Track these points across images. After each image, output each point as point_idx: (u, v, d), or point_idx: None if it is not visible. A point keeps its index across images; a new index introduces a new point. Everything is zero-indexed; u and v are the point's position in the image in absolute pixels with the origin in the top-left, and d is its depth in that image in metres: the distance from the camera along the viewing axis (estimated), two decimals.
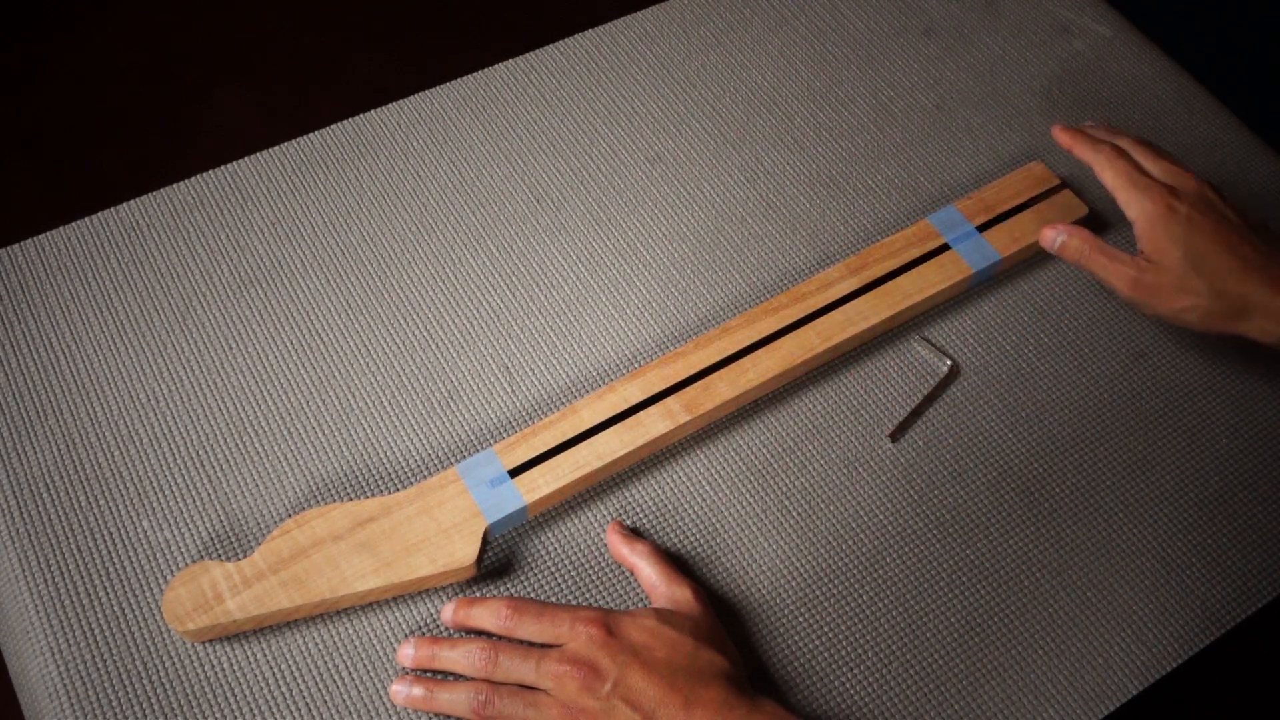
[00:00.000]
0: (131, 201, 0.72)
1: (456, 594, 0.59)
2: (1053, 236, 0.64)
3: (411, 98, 0.78)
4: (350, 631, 0.58)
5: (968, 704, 0.58)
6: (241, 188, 0.73)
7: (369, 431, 0.64)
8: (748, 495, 0.63)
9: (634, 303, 0.70)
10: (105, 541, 0.60)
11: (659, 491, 0.63)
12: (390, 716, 0.56)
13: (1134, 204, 0.62)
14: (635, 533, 0.61)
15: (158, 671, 0.56)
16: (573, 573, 0.60)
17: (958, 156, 0.77)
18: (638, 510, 0.62)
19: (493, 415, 0.65)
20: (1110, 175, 0.63)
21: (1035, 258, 0.73)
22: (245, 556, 0.59)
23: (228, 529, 0.61)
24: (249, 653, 0.57)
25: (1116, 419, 0.67)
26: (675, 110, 0.78)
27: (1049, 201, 0.72)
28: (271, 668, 0.57)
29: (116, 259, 0.70)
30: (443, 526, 0.58)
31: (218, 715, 0.56)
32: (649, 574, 0.58)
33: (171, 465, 0.62)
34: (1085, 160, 0.65)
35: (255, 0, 1.77)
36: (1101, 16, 0.85)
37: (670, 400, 0.63)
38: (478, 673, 0.55)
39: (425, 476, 0.63)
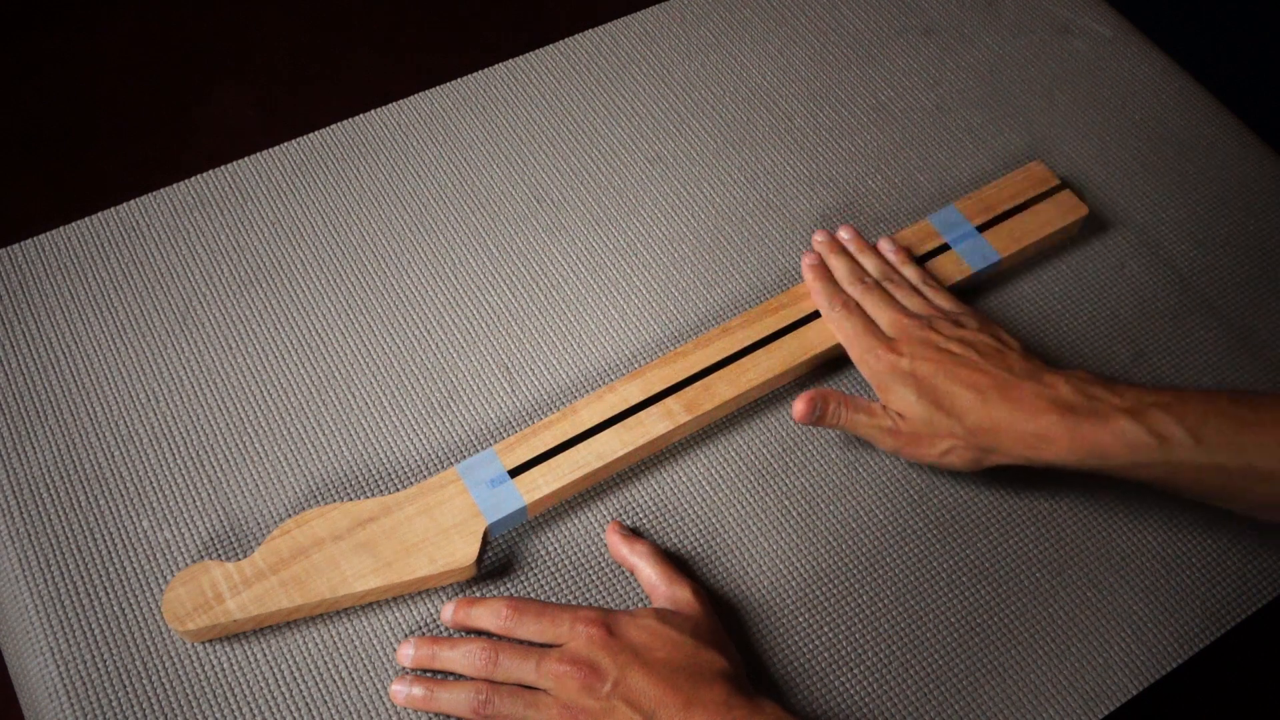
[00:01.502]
0: (131, 201, 0.72)
1: (456, 594, 0.59)
2: (809, 411, 0.60)
3: (411, 98, 0.78)
4: (350, 631, 0.58)
5: (968, 704, 0.58)
6: (241, 188, 0.73)
7: (369, 431, 0.64)
8: (748, 495, 0.63)
9: (634, 303, 0.70)
10: (105, 541, 0.60)
11: (659, 491, 0.63)
12: (390, 716, 0.56)
13: (863, 366, 0.62)
14: (635, 533, 0.61)
15: (158, 671, 0.56)
16: (573, 573, 0.60)
17: (958, 156, 0.77)
18: (638, 510, 0.62)
19: (493, 415, 0.65)
20: (842, 337, 0.64)
21: (1035, 258, 0.73)
22: (245, 556, 0.59)
23: (228, 529, 0.61)
24: (249, 653, 0.57)
25: None
26: (675, 110, 0.78)
27: (1049, 201, 0.72)
28: (271, 668, 0.57)
29: (116, 259, 0.70)
30: (443, 526, 0.58)
31: (218, 715, 0.56)
32: (649, 574, 0.58)
33: (171, 465, 0.62)
34: (822, 314, 0.66)
35: (255, 0, 1.77)
36: (1101, 16, 0.85)
37: (670, 400, 0.63)
38: (478, 673, 0.55)
39: (425, 476, 0.63)
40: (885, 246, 0.69)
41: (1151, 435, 0.53)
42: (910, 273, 0.67)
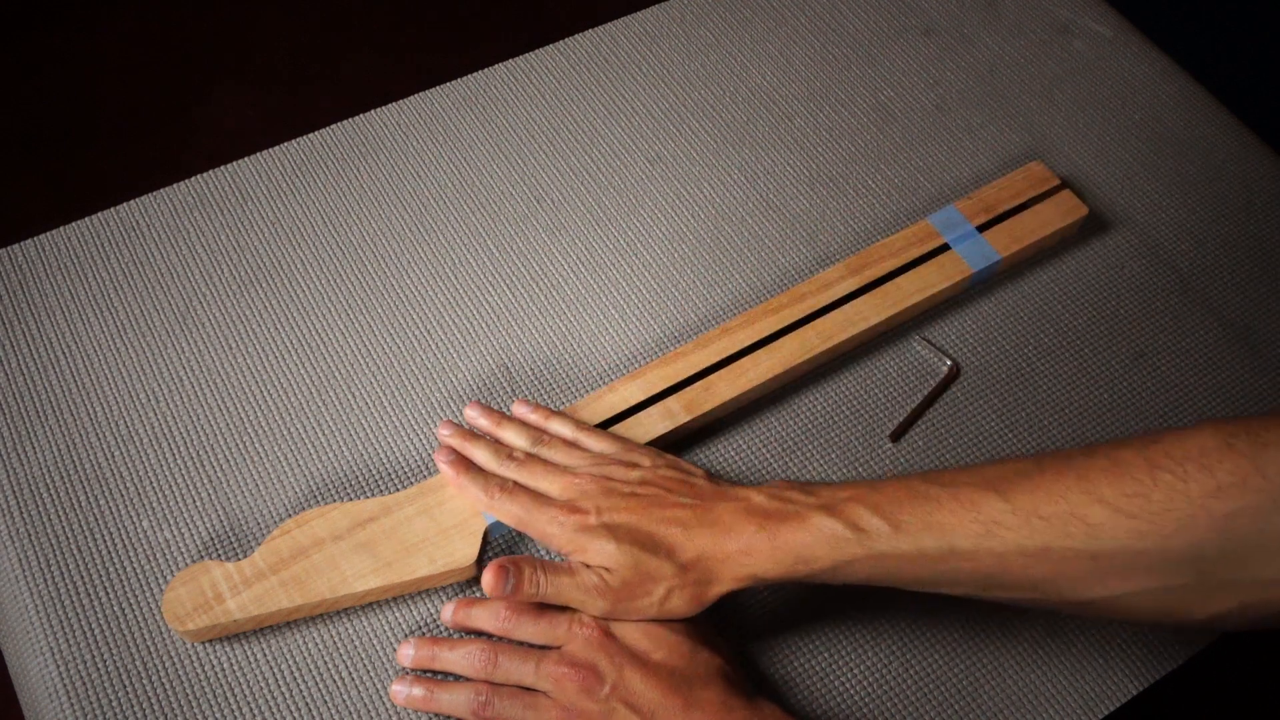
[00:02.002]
0: (131, 201, 0.72)
1: (456, 594, 0.59)
2: (500, 582, 0.55)
3: (411, 98, 0.78)
4: (350, 631, 0.58)
5: (968, 704, 0.58)
6: (241, 188, 0.73)
7: (369, 431, 0.64)
8: None
9: (634, 303, 0.70)
10: (105, 541, 0.60)
11: None
12: (390, 717, 0.56)
13: (550, 536, 0.56)
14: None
15: (158, 671, 0.56)
16: None
17: (958, 156, 0.77)
18: None
19: None
20: (511, 519, 0.57)
21: (1035, 258, 0.73)
22: (245, 556, 0.59)
23: (228, 529, 0.61)
24: (249, 653, 0.57)
25: (1116, 419, 0.67)
26: (675, 110, 0.78)
27: (1049, 201, 0.72)
28: (271, 668, 0.57)
29: (116, 259, 0.70)
30: (443, 527, 0.58)
31: (218, 715, 0.56)
32: None
33: (171, 465, 0.62)
34: (478, 506, 0.59)
35: (255, 0, 1.77)
36: (1101, 16, 0.85)
37: (670, 400, 0.63)
38: (477, 674, 0.55)
39: (425, 476, 0.63)
40: (521, 409, 0.63)
41: (848, 528, 0.50)
42: (558, 426, 0.61)
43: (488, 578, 0.55)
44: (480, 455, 0.60)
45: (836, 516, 0.51)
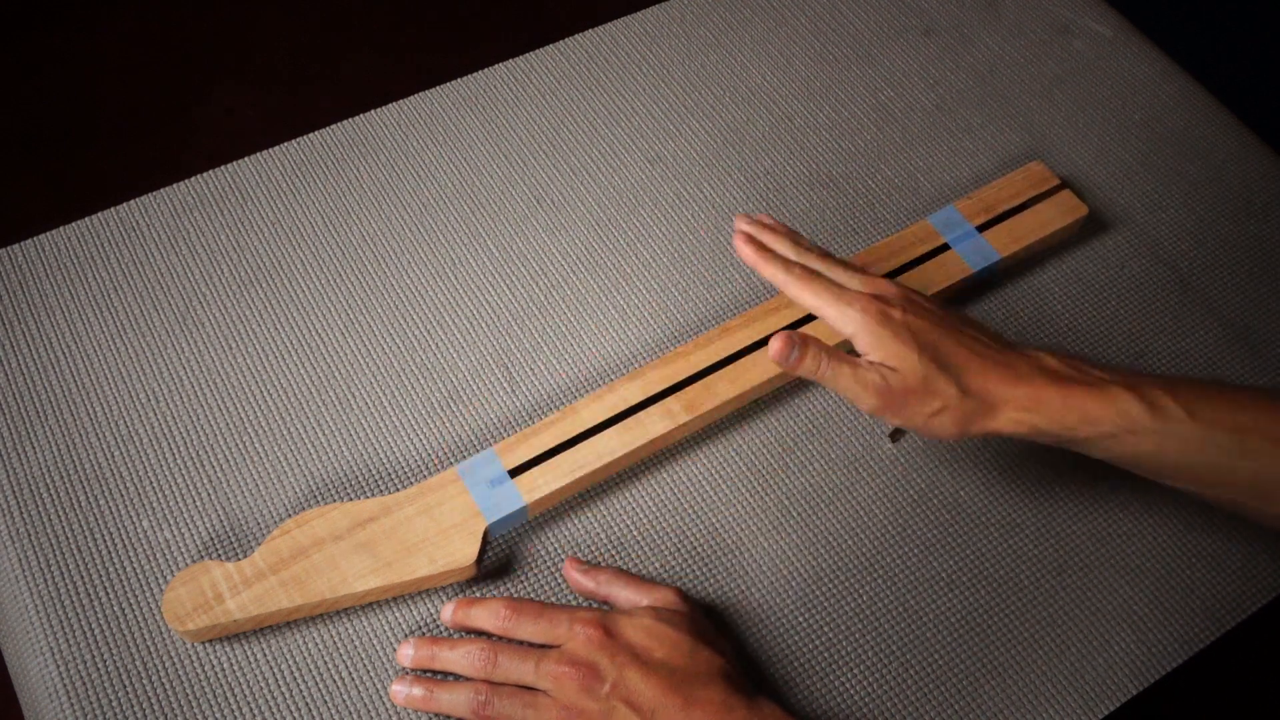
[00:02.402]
0: (131, 201, 0.72)
1: (456, 594, 0.59)
2: (785, 351, 0.55)
3: (411, 98, 0.78)
4: (350, 631, 0.58)
5: (968, 704, 0.58)
6: (241, 188, 0.73)
7: (369, 431, 0.64)
8: (748, 495, 0.63)
9: (634, 303, 0.70)
10: (105, 541, 0.60)
11: (659, 491, 0.63)
12: (390, 716, 0.56)
13: (848, 318, 0.55)
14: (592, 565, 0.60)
15: (158, 671, 0.56)
16: None
17: (958, 156, 0.77)
18: (638, 510, 0.62)
19: (493, 415, 0.65)
20: (811, 296, 0.57)
21: (1035, 258, 0.73)
22: (245, 556, 0.59)
23: (228, 529, 0.61)
24: (249, 653, 0.57)
25: None
26: (675, 110, 0.78)
27: (1049, 201, 0.72)
28: (271, 668, 0.57)
29: (116, 259, 0.70)
30: (443, 526, 0.58)
31: (218, 715, 0.56)
32: (625, 595, 0.57)
33: (171, 465, 0.62)
34: (774, 282, 0.59)
35: (255, 0, 1.77)
36: (1101, 16, 0.85)
37: (670, 400, 0.63)
38: (477, 673, 0.55)
39: (425, 476, 0.63)
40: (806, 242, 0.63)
41: (1145, 405, 0.53)
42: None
43: (776, 345, 0.55)
44: (780, 245, 0.61)
45: (1134, 392, 0.53)
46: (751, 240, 0.60)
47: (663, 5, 0.84)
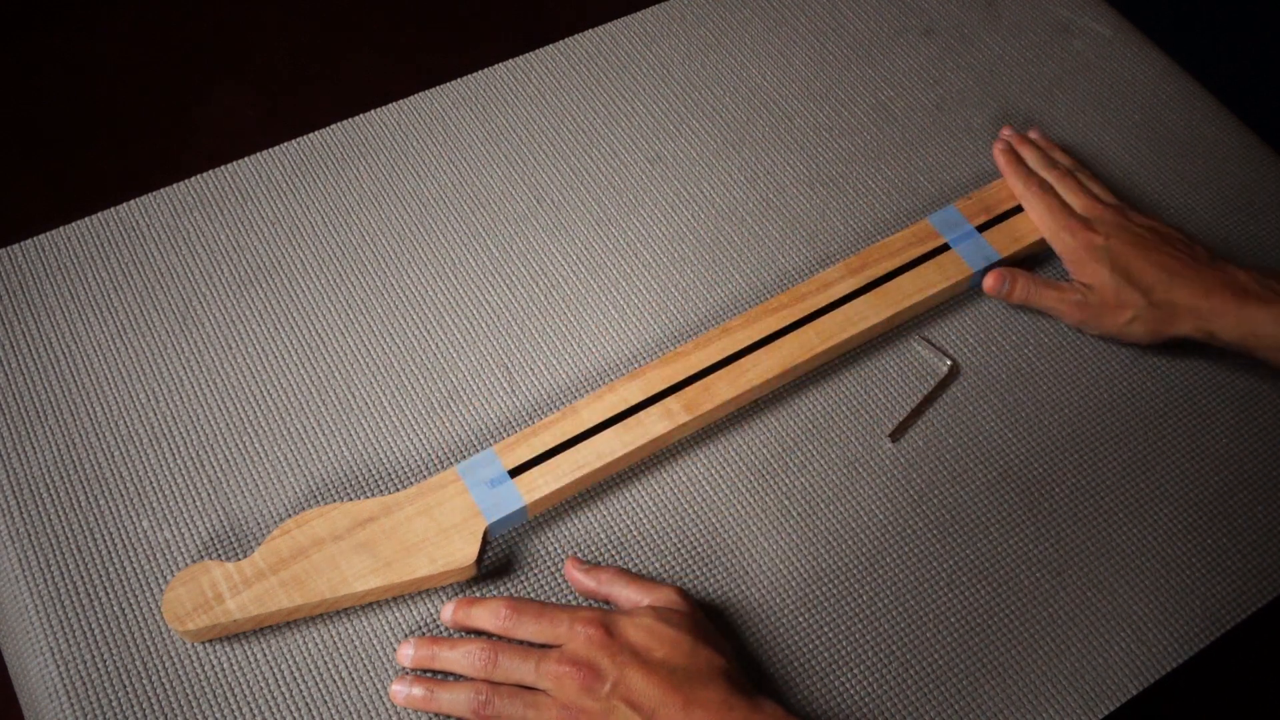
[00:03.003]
0: (131, 201, 0.72)
1: (456, 594, 0.59)
2: (998, 284, 0.68)
3: (411, 98, 0.78)
4: (350, 631, 0.58)
5: (968, 704, 0.58)
6: (241, 188, 0.73)
7: (369, 431, 0.64)
8: (748, 495, 0.63)
9: (634, 303, 0.70)
10: (105, 541, 0.60)
11: (659, 491, 0.63)
12: (390, 716, 0.56)
13: (1058, 241, 0.69)
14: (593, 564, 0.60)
15: (158, 671, 0.56)
16: None
17: (958, 156, 0.77)
18: (638, 510, 0.62)
19: (493, 415, 0.65)
20: (1037, 214, 0.70)
21: (1035, 258, 0.73)
22: (245, 556, 0.59)
23: (228, 529, 0.61)
24: (249, 653, 0.57)
25: (1116, 419, 0.67)
26: (675, 110, 0.78)
27: None
28: (271, 668, 0.57)
29: (116, 259, 0.70)
30: (443, 526, 0.58)
31: (218, 715, 0.56)
32: (626, 594, 0.58)
33: (171, 465, 0.62)
34: (1014, 192, 0.72)
35: (255, 0, 1.77)
36: (1101, 16, 0.85)
37: (670, 400, 0.63)
38: (477, 673, 0.55)
39: (425, 476, 0.63)
40: (1035, 136, 0.75)
41: None
42: (1059, 157, 0.74)
43: (989, 280, 0.68)
44: (1031, 157, 0.73)
45: None
46: (1009, 150, 0.73)
47: (663, 5, 0.84)
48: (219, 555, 0.60)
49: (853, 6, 0.84)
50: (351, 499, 0.62)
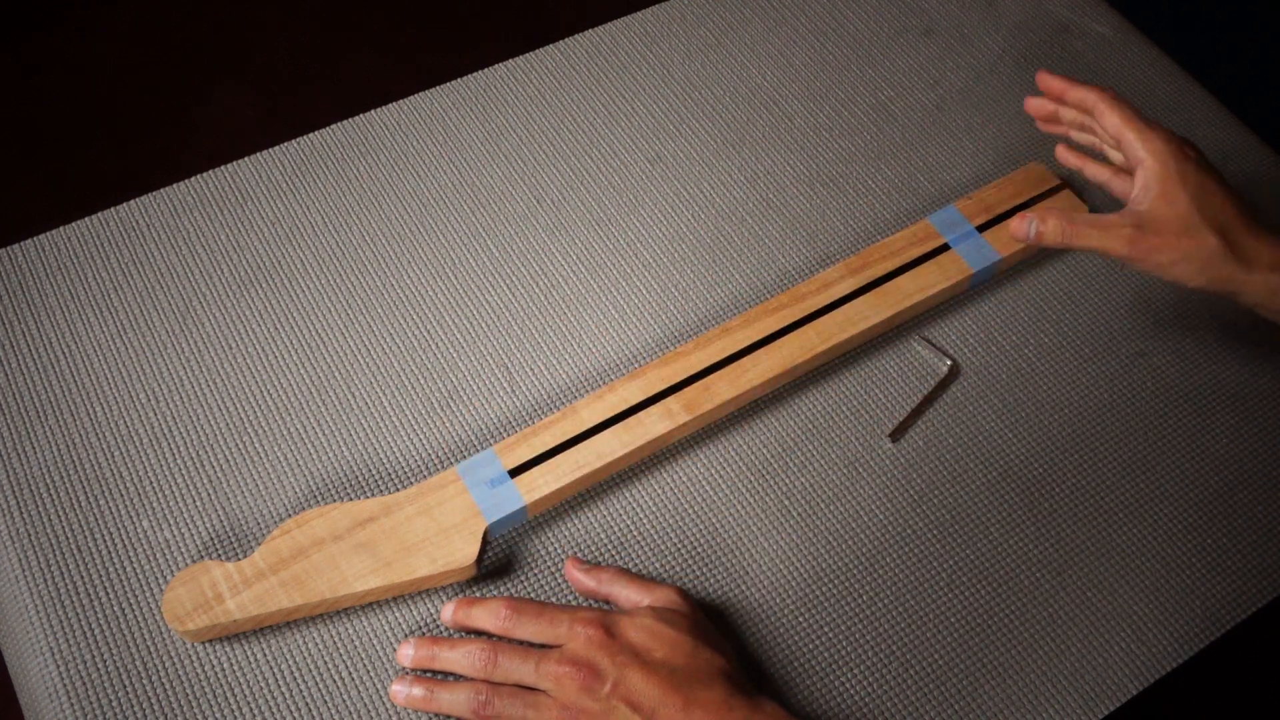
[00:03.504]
0: (131, 201, 0.72)
1: (456, 594, 0.59)
2: (1025, 226, 0.61)
3: (411, 98, 0.78)
4: (350, 631, 0.58)
5: (968, 704, 0.58)
6: (241, 188, 0.73)
7: (369, 431, 0.64)
8: (748, 495, 0.63)
9: (634, 303, 0.70)
10: (105, 541, 0.60)
11: (659, 491, 0.63)
12: (390, 716, 0.56)
13: (1147, 142, 0.60)
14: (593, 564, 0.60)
15: (158, 671, 0.56)
16: None
17: (958, 156, 0.77)
18: (638, 510, 0.62)
19: (493, 415, 0.65)
20: (1118, 115, 0.61)
21: (1035, 258, 0.73)
22: (245, 556, 0.59)
23: (228, 529, 0.61)
24: (249, 653, 0.57)
25: (1116, 419, 0.67)
26: (675, 110, 0.78)
27: (1049, 201, 0.72)
28: (271, 668, 0.57)
29: (116, 259, 0.70)
30: (443, 526, 0.58)
31: (218, 715, 0.56)
32: (627, 594, 0.58)
33: (171, 465, 0.62)
34: (1082, 103, 0.63)
35: (255, 0, 1.77)
36: (1101, 16, 0.85)
37: (670, 400, 0.63)
38: (477, 673, 0.55)
39: (425, 476, 0.63)
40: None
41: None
42: None
43: (1013, 225, 0.61)
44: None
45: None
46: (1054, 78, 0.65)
47: (663, 5, 0.84)
48: (219, 555, 0.60)
49: (853, 6, 0.84)
50: (351, 499, 0.62)
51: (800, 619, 0.60)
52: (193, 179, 0.73)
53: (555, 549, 0.61)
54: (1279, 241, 0.58)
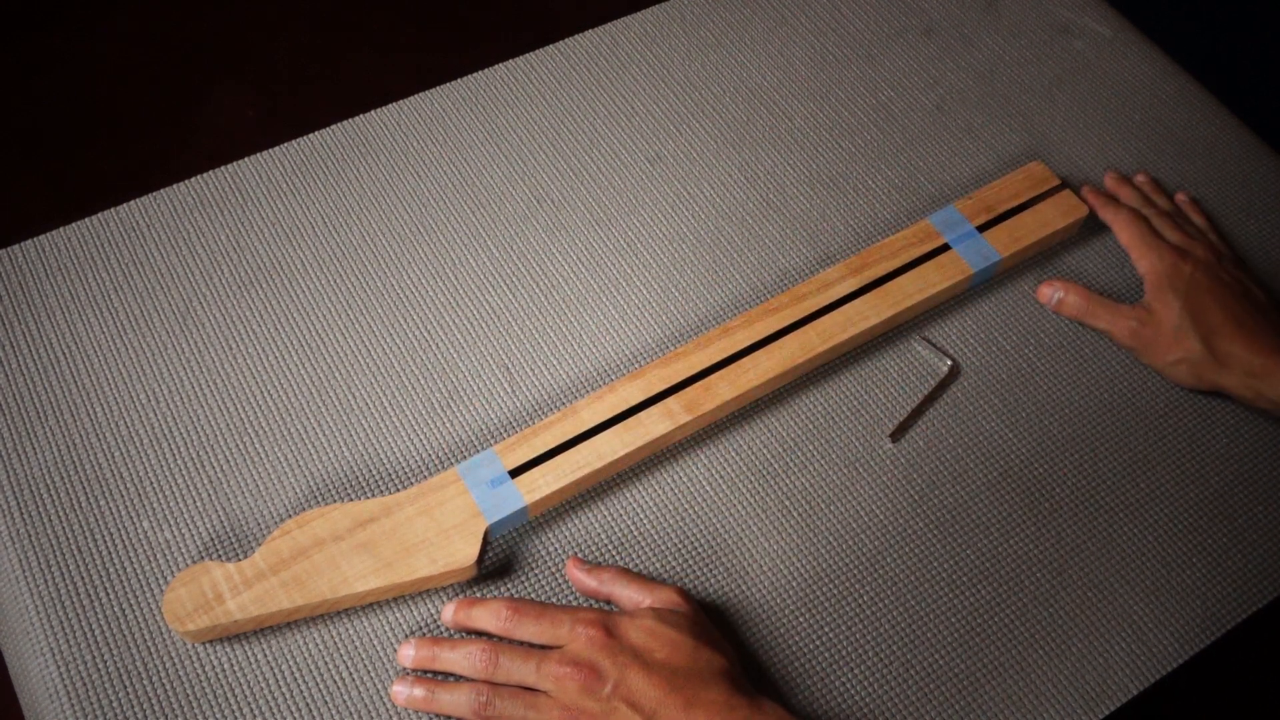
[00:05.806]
0: (131, 201, 0.72)
1: (457, 594, 0.59)
2: (1050, 293, 0.69)
3: (411, 98, 0.78)
4: (350, 632, 0.58)
5: (968, 704, 0.58)
6: (241, 188, 0.73)
7: (369, 431, 0.64)
8: (748, 495, 0.63)
9: (634, 303, 0.70)
10: (105, 541, 0.60)
11: (659, 491, 0.63)
12: (390, 717, 0.56)
13: (1144, 260, 0.68)
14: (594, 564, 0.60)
15: (158, 671, 0.56)
16: None
17: (958, 156, 0.77)
18: (638, 510, 0.62)
19: (493, 415, 0.65)
20: (1126, 234, 0.70)
21: (1035, 258, 0.73)
22: (246, 557, 0.59)
23: (228, 529, 0.61)
24: (249, 653, 0.57)
25: (1116, 419, 0.67)
26: (675, 110, 0.78)
27: (1049, 201, 0.72)
28: (271, 668, 0.57)
29: (116, 259, 0.70)
30: (443, 527, 0.58)
31: (218, 715, 0.56)
32: (628, 594, 0.58)
33: (171, 465, 0.62)
34: (1104, 219, 0.72)
35: (255, 0, 1.77)
36: (1101, 16, 0.85)
37: (670, 400, 0.63)
38: (478, 674, 0.55)
39: (425, 476, 0.63)
40: (1162, 199, 0.74)
41: None
42: (1200, 220, 0.73)
43: (1043, 289, 0.69)
44: (1129, 195, 0.73)
45: None
46: (1098, 190, 0.73)
47: (663, 5, 0.84)
48: (219, 556, 0.60)
49: (853, 6, 0.84)
50: (352, 499, 0.62)
51: (801, 619, 0.60)
52: (193, 179, 0.73)
53: (556, 549, 0.61)
54: (1262, 345, 0.63)
